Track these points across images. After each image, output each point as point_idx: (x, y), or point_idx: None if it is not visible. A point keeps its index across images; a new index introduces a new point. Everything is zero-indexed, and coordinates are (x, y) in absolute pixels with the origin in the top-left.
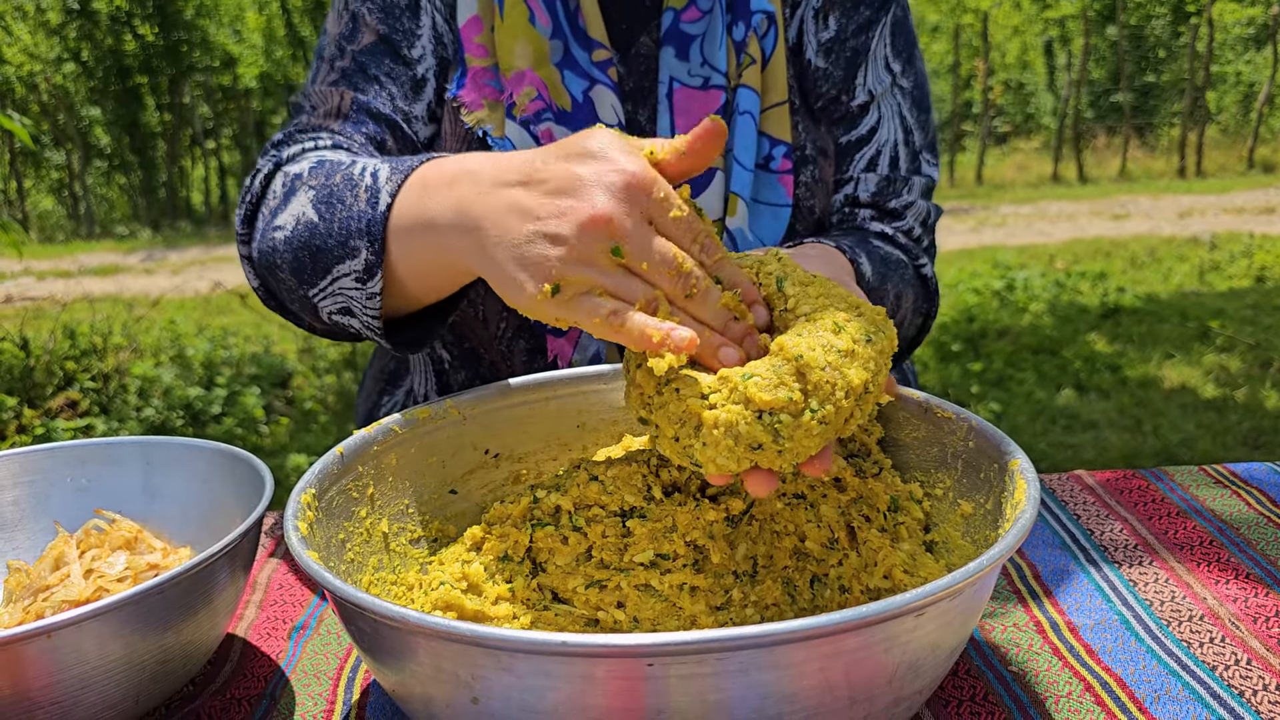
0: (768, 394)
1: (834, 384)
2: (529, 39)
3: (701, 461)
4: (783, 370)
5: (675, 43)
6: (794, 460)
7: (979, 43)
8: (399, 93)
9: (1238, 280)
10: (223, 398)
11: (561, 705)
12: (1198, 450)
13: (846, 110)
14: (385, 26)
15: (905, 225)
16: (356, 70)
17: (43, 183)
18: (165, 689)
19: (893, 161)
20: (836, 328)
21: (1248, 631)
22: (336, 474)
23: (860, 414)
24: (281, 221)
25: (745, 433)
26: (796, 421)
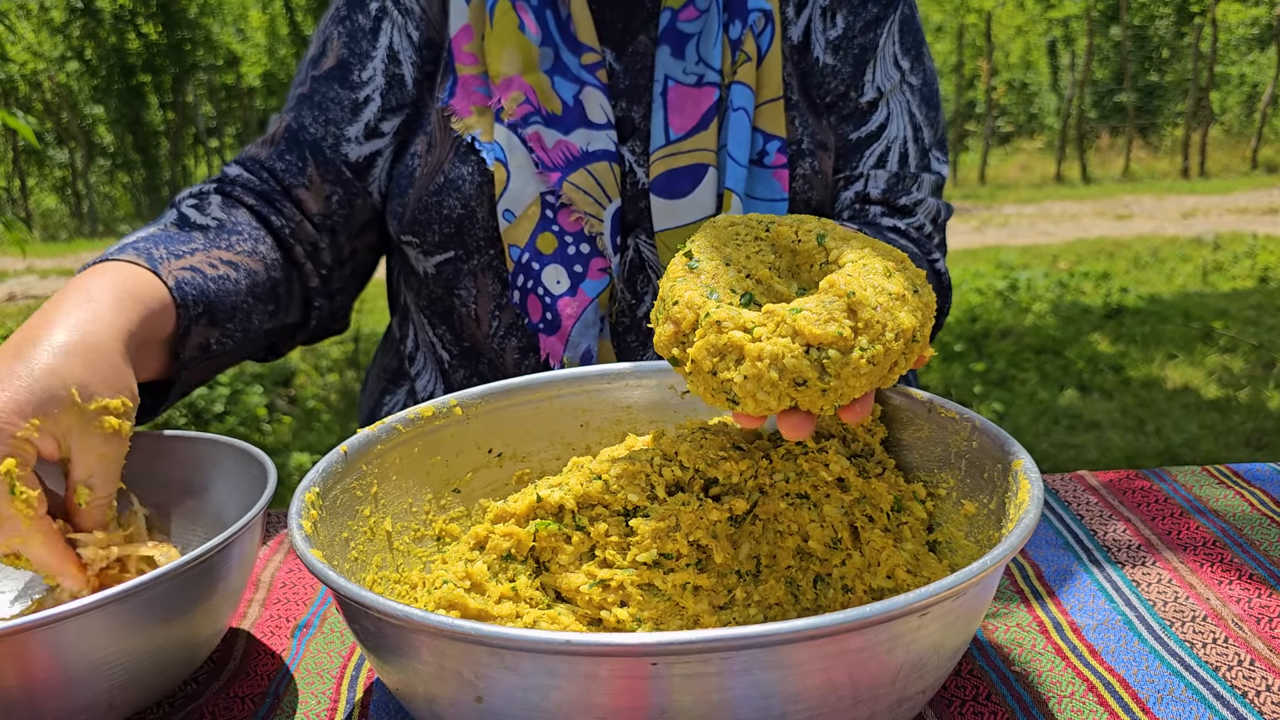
0: (818, 328)
1: (884, 324)
2: (518, 46)
3: (740, 397)
4: (834, 306)
5: (671, 41)
6: (836, 401)
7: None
8: (335, 116)
9: (1241, 281)
10: (225, 396)
11: (565, 704)
12: (1200, 451)
13: (855, 107)
14: (346, 51)
15: (917, 222)
16: (308, 96)
17: (46, 181)
18: (166, 683)
19: (902, 158)
20: (888, 272)
21: (1251, 632)
22: (340, 472)
23: (904, 363)
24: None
25: (791, 366)
26: (845, 359)
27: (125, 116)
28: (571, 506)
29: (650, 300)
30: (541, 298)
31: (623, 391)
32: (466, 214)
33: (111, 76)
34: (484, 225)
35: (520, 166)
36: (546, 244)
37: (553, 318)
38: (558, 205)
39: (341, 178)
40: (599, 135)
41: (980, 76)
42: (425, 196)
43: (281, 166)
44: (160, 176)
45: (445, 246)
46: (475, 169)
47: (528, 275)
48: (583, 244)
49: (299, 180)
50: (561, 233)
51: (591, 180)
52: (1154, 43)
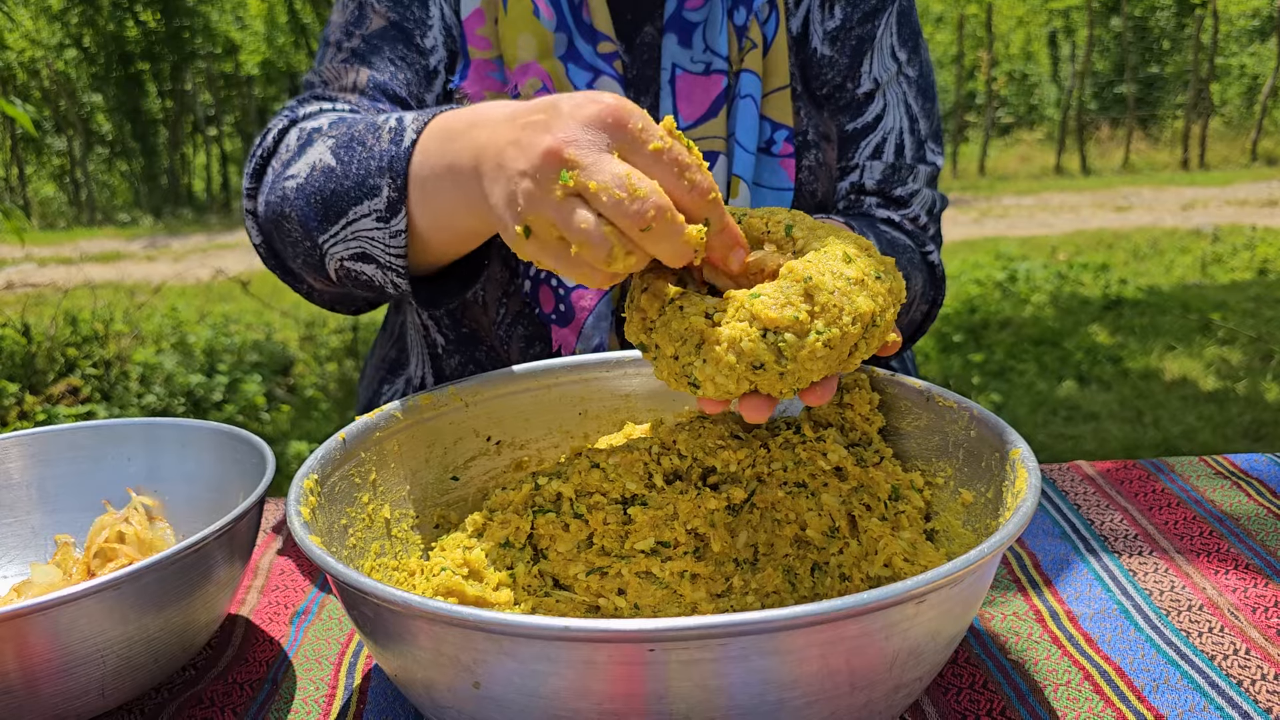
0: (774, 311)
1: (841, 308)
2: (533, 32)
3: (700, 380)
4: (790, 291)
5: (678, 30)
6: (794, 385)
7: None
8: (414, 79)
9: (1240, 273)
10: (224, 385)
11: (563, 690)
12: (1198, 442)
13: (852, 97)
14: (395, 14)
15: (911, 213)
16: (370, 51)
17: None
18: (163, 669)
19: (898, 149)
20: (847, 258)
21: (1247, 621)
22: (339, 460)
23: (865, 347)
24: (295, 170)
25: (748, 350)
26: (801, 342)
27: (124, 104)
28: (570, 495)
29: None
30: (555, 289)
31: (621, 380)
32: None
33: (110, 64)
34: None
35: None
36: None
37: (566, 309)
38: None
39: None
40: None
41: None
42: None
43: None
44: (159, 165)
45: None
46: None
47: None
48: None
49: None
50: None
51: None
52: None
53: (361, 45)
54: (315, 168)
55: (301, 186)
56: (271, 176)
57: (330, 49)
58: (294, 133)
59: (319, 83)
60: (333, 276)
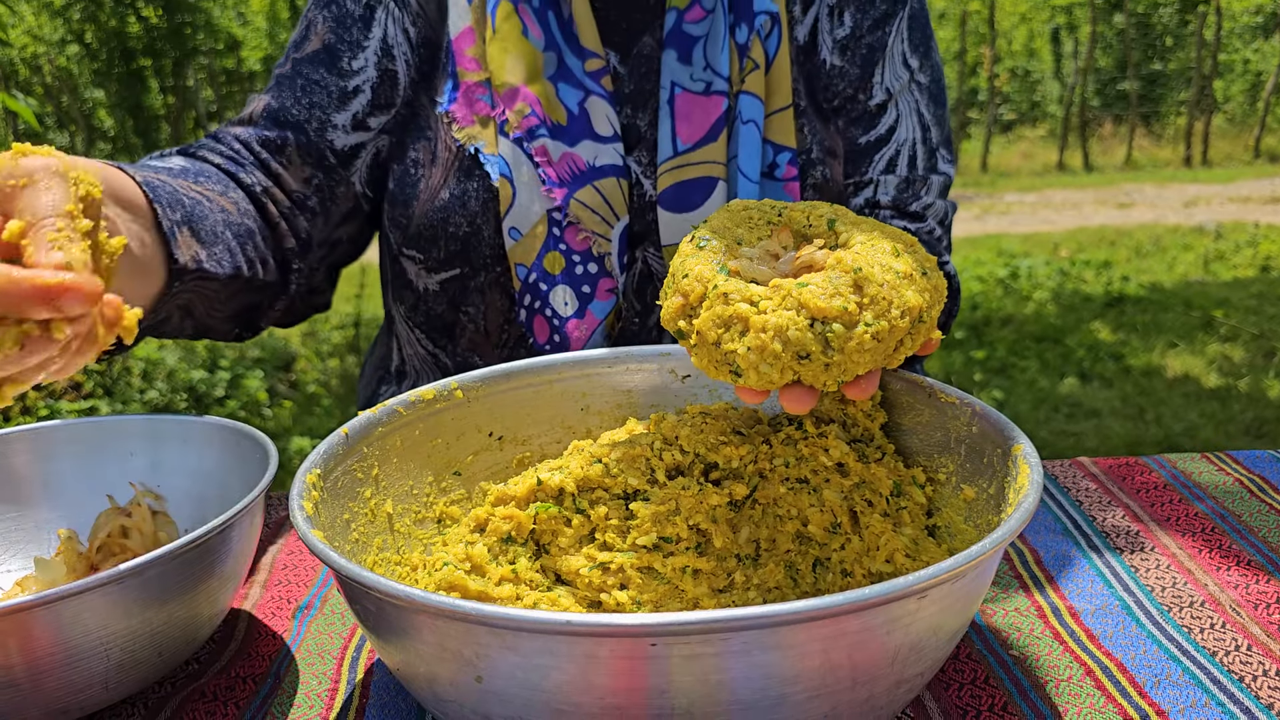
0: (823, 301)
1: (890, 301)
2: (522, 53)
3: (743, 368)
4: (840, 281)
5: (678, 45)
6: (839, 377)
7: (985, 30)
8: (321, 101)
9: (1242, 270)
10: (226, 380)
11: (565, 684)
12: (1200, 439)
13: (864, 110)
14: (333, 36)
15: (927, 227)
16: (290, 77)
17: None
18: (166, 663)
19: (911, 161)
20: (896, 252)
21: (1248, 617)
22: (341, 455)
23: (910, 343)
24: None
25: (795, 338)
26: (849, 333)
27: (126, 100)
28: (572, 490)
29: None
30: (549, 319)
31: (624, 375)
32: (472, 232)
33: (112, 60)
34: (489, 243)
35: (526, 183)
36: (554, 263)
37: (560, 339)
38: (564, 223)
39: (324, 163)
40: (606, 149)
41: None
42: (430, 213)
43: (259, 142)
44: None
45: (450, 264)
46: (480, 185)
47: (534, 295)
48: (590, 264)
49: (277, 157)
50: (569, 251)
51: (599, 198)
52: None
53: (288, 72)
54: None
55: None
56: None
57: (275, 67)
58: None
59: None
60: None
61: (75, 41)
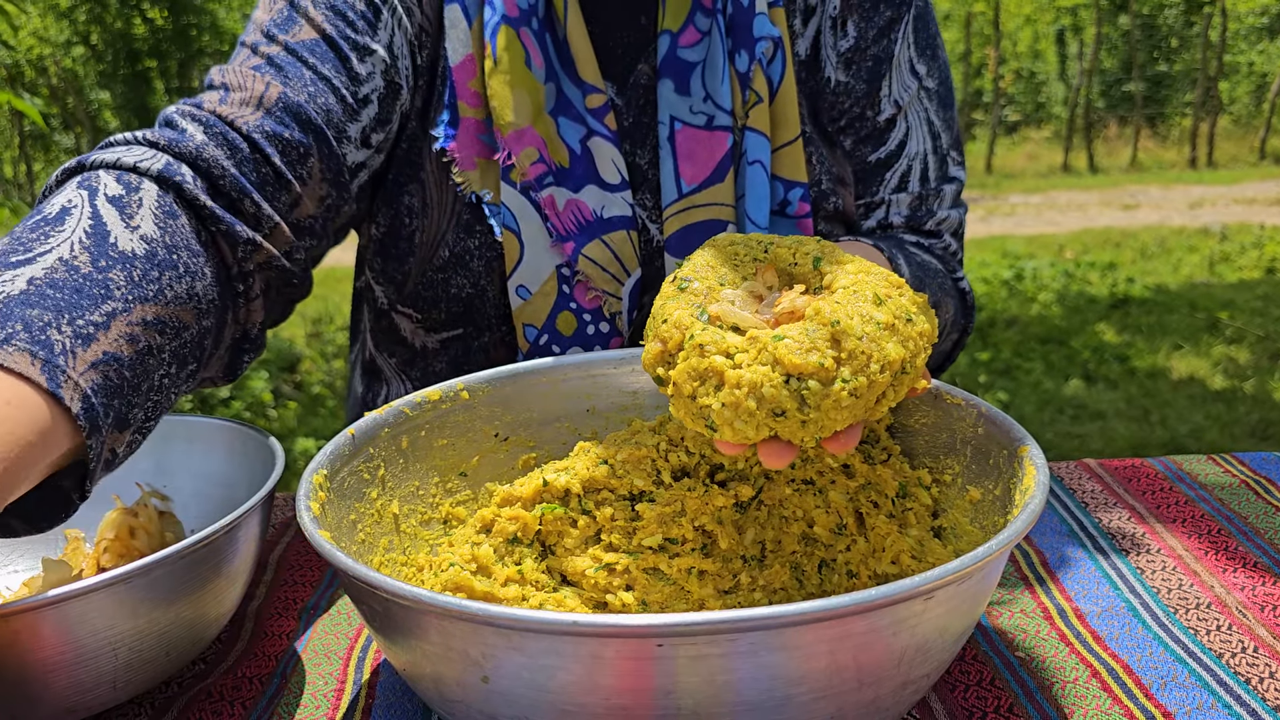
0: (798, 357)
1: (870, 355)
2: (527, 88)
3: (718, 424)
4: (816, 335)
5: (674, 74)
6: (816, 433)
7: (990, 31)
8: (335, 105)
9: (1248, 271)
10: None
11: (571, 685)
12: (1206, 442)
13: (873, 127)
14: (333, 27)
15: (942, 243)
16: (291, 63)
17: (52, 166)
18: (173, 663)
19: (923, 175)
20: (878, 299)
21: (1255, 619)
22: (348, 455)
23: (894, 395)
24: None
25: (769, 396)
26: (825, 390)
27: (131, 102)
28: (578, 491)
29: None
30: None
31: (629, 377)
32: (476, 293)
33: (117, 61)
34: (495, 302)
35: (533, 237)
36: (566, 324)
37: None
38: (574, 279)
39: (339, 180)
40: (614, 198)
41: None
42: (430, 272)
43: (278, 147)
44: None
45: (452, 324)
46: (483, 240)
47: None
48: (602, 323)
49: (298, 169)
50: (579, 310)
51: (609, 253)
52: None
53: (282, 54)
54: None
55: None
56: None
57: (244, 50)
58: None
59: (221, 84)
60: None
61: (81, 43)
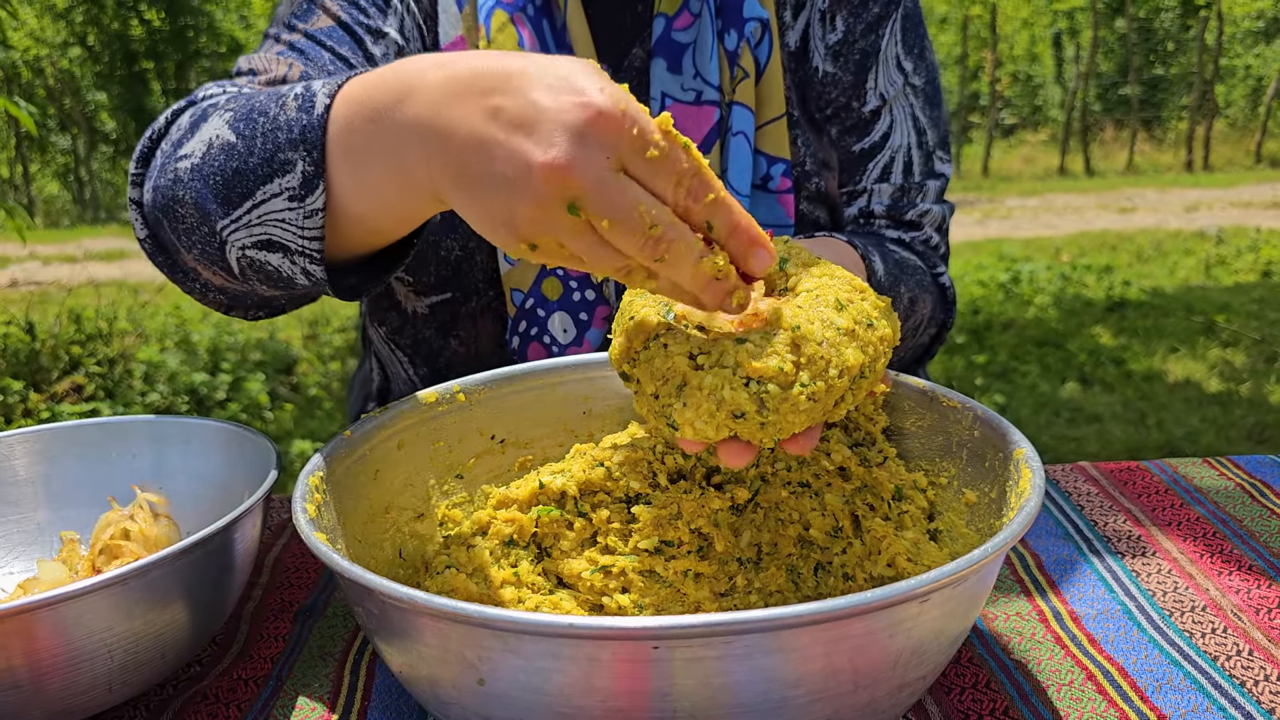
0: (758, 361)
1: (829, 360)
2: None
3: (679, 424)
4: (778, 340)
5: (666, 54)
6: (775, 435)
7: (987, 34)
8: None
9: (1244, 275)
10: (228, 383)
11: (567, 687)
12: (1201, 444)
13: (858, 117)
14: (348, 15)
15: (923, 235)
16: (312, 46)
17: (48, 167)
18: (169, 665)
19: (906, 167)
20: (839, 305)
21: (1250, 622)
22: (344, 457)
23: (852, 398)
24: (189, 149)
25: (729, 398)
26: (784, 394)
27: (128, 103)
28: (574, 493)
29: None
30: (548, 346)
31: None
32: (465, 255)
33: (114, 63)
34: (483, 267)
35: None
36: (552, 289)
37: None
38: None
39: None
40: None
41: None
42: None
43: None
44: None
45: (441, 288)
46: None
47: (531, 322)
48: (588, 290)
49: None
50: (566, 277)
51: None
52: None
53: (302, 40)
54: (213, 145)
55: (198, 167)
56: (161, 159)
57: (269, 40)
58: (188, 113)
59: (248, 70)
60: (234, 269)
61: (78, 44)
